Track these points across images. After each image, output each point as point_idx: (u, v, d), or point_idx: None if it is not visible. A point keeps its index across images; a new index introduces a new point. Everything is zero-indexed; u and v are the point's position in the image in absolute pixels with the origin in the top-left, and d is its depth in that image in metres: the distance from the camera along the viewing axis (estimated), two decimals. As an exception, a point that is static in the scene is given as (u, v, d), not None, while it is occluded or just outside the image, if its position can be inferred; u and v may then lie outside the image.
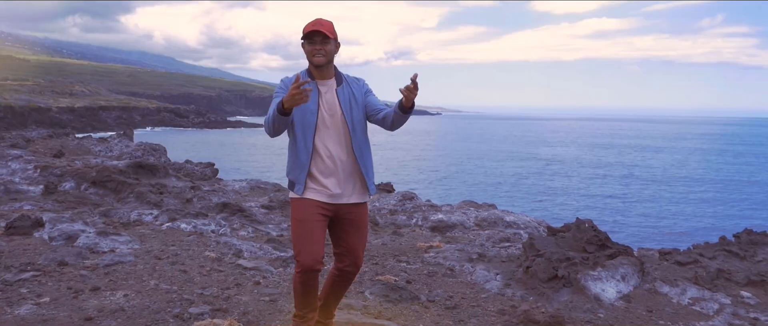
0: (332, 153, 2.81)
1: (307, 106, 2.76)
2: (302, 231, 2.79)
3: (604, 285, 4.34)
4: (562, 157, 54.77)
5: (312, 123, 2.79)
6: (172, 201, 7.06)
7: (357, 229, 2.91)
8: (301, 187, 2.81)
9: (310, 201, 2.81)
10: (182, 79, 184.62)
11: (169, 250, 5.10)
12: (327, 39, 2.74)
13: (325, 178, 2.81)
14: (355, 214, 2.90)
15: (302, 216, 2.80)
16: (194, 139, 68.33)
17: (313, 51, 2.75)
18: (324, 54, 2.75)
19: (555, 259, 4.51)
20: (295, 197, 2.85)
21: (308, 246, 2.77)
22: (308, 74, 2.84)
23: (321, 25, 2.73)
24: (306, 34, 2.73)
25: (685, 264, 5.08)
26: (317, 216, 2.79)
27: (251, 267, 4.66)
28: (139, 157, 18.93)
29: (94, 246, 4.91)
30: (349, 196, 2.87)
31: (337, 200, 2.83)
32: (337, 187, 2.82)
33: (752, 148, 75.63)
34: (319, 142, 2.81)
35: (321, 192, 2.81)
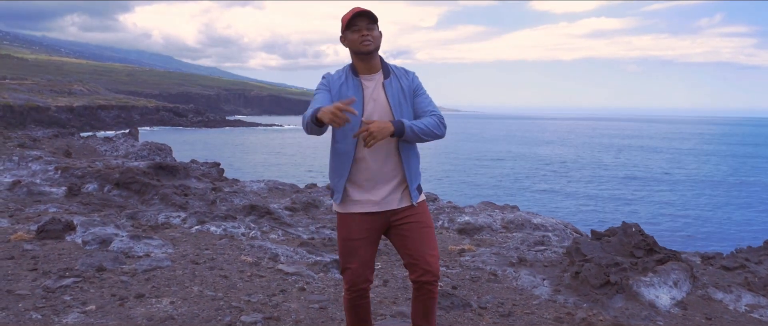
0: (377, 157, 2.53)
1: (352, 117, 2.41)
2: (345, 249, 2.62)
3: (657, 292, 4.23)
4: (563, 157, 54.71)
5: (355, 126, 2.48)
6: (196, 203, 6.93)
7: (419, 232, 2.58)
8: (339, 197, 2.58)
9: (352, 216, 2.58)
10: (181, 78, 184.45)
11: (204, 254, 4.99)
12: (373, 23, 2.48)
13: (368, 187, 2.55)
14: (412, 217, 2.59)
15: (345, 233, 2.61)
16: (194, 138, 68.13)
17: (360, 38, 2.47)
18: (372, 40, 2.47)
19: (604, 264, 4.41)
20: (338, 210, 2.64)
21: (352, 265, 2.61)
22: (351, 70, 2.58)
23: (363, 9, 2.47)
24: (349, 21, 2.47)
25: (732, 269, 4.98)
26: (362, 233, 2.57)
27: (293, 273, 4.55)
28: (145, 156, 18.82)
29: (128, 251, 4.80)
30: (399, 201, 2.58)
31: (384, 207, 2.56)
32: (382, 195, 2.55)
33: (757, 150, 75.69)
34: (361, 145, 2.50)
35: (363, 204, 2.56)
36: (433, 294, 2.63)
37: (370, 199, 2.55)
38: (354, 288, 2.64)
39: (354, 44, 2.50)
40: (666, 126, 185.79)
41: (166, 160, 16.90)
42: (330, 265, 4.74)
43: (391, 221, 2.60)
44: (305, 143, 71.37)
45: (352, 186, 2.57)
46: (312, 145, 68.40)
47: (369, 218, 2.57)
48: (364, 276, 2.62)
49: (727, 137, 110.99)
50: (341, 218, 2.64)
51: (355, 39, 2.49)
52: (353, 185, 2.57)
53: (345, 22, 2.49)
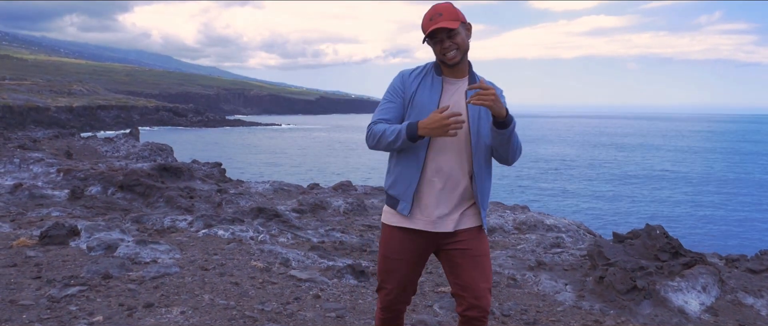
0: (445, 170, 2.28)
1: (425, 105, 2.26)
2: (385, 266, 2.41)
3: (686, 297, 4.07)
4: (564, 156, 54.54)
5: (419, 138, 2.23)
6: (203, 205, 6.77)
7: (473, 260, 2.31)
8: (408, 206, 2.30)
9: (398, 232, 2.35)
10: (180, 78, 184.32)
11: (213, 260, 4.82)
12: (453, 31, 2.21)
13: (430, 201, 2.29)
14: (467, 242, 2.31)
15: (386, 249, 2.39)
16: (194, 138, 67.98)
17: (442, 50, 2.24)
18: (457, 47, 2.23)
19: (629, 269, 4.25)
20: (389, 223, 2.38)
21: (389, 285, 2.42)
22: (435, 69, 2.34)
23: (440, 18, 2.21)
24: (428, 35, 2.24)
25: (759, 272, 4.82)
26: (405, 253, 2.35)
27: (306, 279, 4.39)
28: (146, 156, 18.65)
29: (135, 256, 4.63)
30: (458, 222, 2.31)
31: (440, 228, 2.30)
32: (440, 212, 2.29)
33: (758, 147, 75.51)
34: (432, 155, 2.28)
35: (419, 220, 2.31)
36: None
37: (426, 216, 2.31)
38: (389, 308, 2.46)
39: (437, 55, 2.30)
40: (666, 123, 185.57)
41: (169, 160, 16.75)
42: (344, 271, 4.58)
43: (442, 243, 2.35)
44: (304, 143, 71.20)
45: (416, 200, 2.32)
46: (310, 144, 68.24)
47: (417, 237, 2.34)
48: (400, 298, 2.43)
49: (729, 134, 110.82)
50: (386, 231, 2.42)
51: (439, 51, 2.27)
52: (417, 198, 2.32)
53: (424, 31, 2.25)
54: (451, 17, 2.21)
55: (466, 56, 2.31)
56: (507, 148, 2.26)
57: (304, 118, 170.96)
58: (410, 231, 2.35)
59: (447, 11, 2.23)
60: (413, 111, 2.29)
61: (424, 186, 2.30)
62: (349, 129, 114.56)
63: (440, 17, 2.22)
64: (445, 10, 2.24)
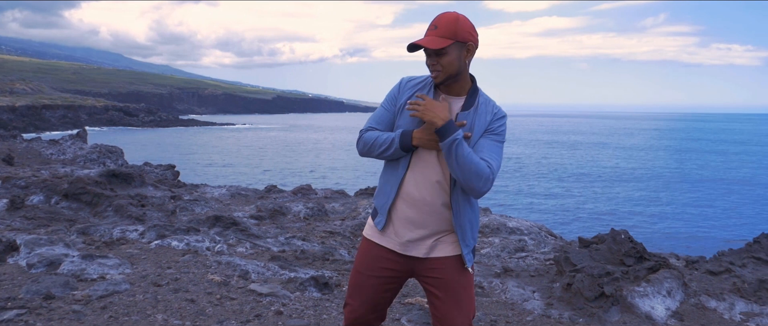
0: (421, 192, 2.12)
1: (410, 120, 2.12)
2: (355, 281, 2.28)
3: (652, 302, 4.07)
4: (517, 154, 55.52)
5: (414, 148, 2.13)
6: (155, 214, 6.44)
7: (448, 293, 2.14)
8: (383, 220, 2.19)
9: (377, 249, 2.22)
10: (131, 77, 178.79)
11: (166, 274, 4.55)
12: (442, 50, 2.03)
13: (403, 222, 2.15)
14: (442, 271, 2.14)
15: (361, 265, 2.26)
16: (146, 139, 66.01)
17: (429, 66, 2.10)
18: (440, 69, 2.06)
19: (597, 275, 4.22)
20: (367, 235, 2.28)
21: (354, 301, 2.28)
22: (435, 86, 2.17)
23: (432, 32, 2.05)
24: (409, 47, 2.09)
25: (718, 273, 4.89)
26: (379, 270, 2.21)
27: (267, 293, 4.18)
28: (95, 159, 17.86)
29: (80, 273, 4.32)
30: (431, 249, 2.15)
31: (410, 251, 2.16)
32: (413, 235, 2.15)
33: (700, 144, 78.79)
34: (411, 174, 2.14)
35: (392, 239, 2.19)
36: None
37: (398, 237, 2.18)
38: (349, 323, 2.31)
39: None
40: (615, 122, 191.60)
41: (119, 164, 16.09)
42: (307, 283, 4.39)
43: (417, 270, 2.21)
44: (261, 143, 70.11)
45: (394, 215, 2.19)
46: (267, 144, 67.25)
47: (391, 256, 2.21)
48: (366, 319, 2.28)
49: (675, 132, 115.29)
50: (363, 244, 2.30)
51: (428, 64, 2.12)
52: (394, 213, 2.19)
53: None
54: (442, 34, 2.04)
55: (460, 77, 2.11)
56: (452, 167, 2.00)
57: (261, 118, 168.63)
58: (384, 249, 2.22)
59: (444, 25, 2.05)
60: (402, 121, 2.17)
61: (400, 203, 2.17)
62: (307, 128, 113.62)
63: (433, 31, 2.06)
64: (443, 24, 2.06)
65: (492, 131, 2.11)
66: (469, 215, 2.15)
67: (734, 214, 24.78)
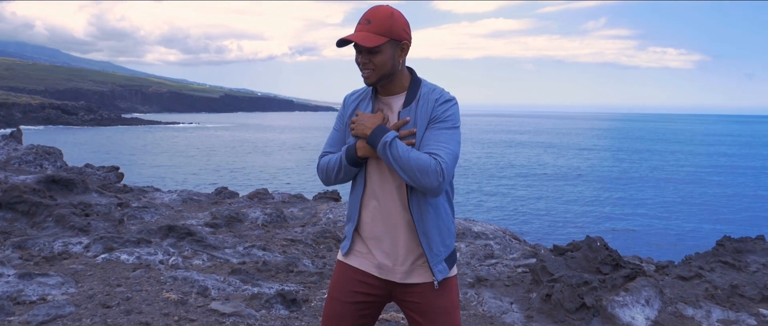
0: (383, 209, 1.96)
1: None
2: (330, 310, 2.05)
3: (632, 312, 3.99)
4: (466, 154, 56.26)
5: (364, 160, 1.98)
6: (101, 224, 5.94)
7: (427, 319, 1.96)
8: (347, 244, 2.04)
9: (350, 273, 2.02)
10: (69, 73, 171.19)
11: (116, 293, 4.14)
12: (375, 49, 1.86)
13: (373, 241, 1.99)
14: (420, 296, 1.96)
15: (335, 291, 2.05)
16: (86, 139, 63.14)
17: (360, 64, 1.93)
18: (373, 68, 1.89)
19: (575, 284, 4.10)
20: (339, 257, 2.10)
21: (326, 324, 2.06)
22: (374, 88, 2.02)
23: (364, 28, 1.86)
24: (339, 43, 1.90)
25: (689, 278, 4.89)
26: (354, 296, 2.01)
27: (230, 313, 3.85)
28: (31, 161, 16.78)
29: (17, 295, 3.86)
30: (407, 273, 1.96)
31: (386, 275, 1.98)
32: (385, 258, 1.97)
33: (644, 144, 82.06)
34: (369, 190, 1.99)
35: (366, 260, 2.01)
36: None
37: (373, 258, 2.00)
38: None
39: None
40: (560, 121, 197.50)
41: (58, 166, 15.14)
42: (273, 300, 4.09)
43: (395, 293, 2.02)
44: (209, 143, 68.32)
45: (359, 238, 2.03)
46: (215, 144, 65.58)
47: (369, 280, 2.01)
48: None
49: (614, 131, 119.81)
50: (338, 268, 2.09)
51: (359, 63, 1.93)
52: (360, 236, 2.03)
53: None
54: (375, 30, 1.85)
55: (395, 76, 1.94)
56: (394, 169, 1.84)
57: (208, 116, 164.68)
58: (359, 271, 2.01)
59: (378, 21, 1.86)
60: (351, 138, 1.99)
61: (366, 219, 2.00)
62: (256, 128, 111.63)
63: (366, 26, 1.86)
64: (377, 19, 1.86)
65: (436, 119, 1.91)
66: (434, 220, 1.94)
67: (675, 210, 25.77)
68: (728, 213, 25.49)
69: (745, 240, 5.73)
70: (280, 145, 68.03)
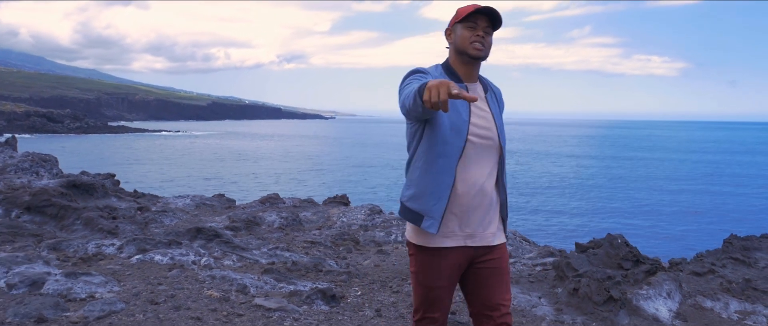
0: (477, 182, 2.11)
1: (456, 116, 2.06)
2: (429, 294, 2.19)
3: (656, 304, 4.20)
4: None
5: (461, 140, 2.07)
6: (128, 226, 6.06)
7: (500, 277, 2.21)
8: (436, 223, 2.08)
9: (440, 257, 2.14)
10: (54, 81, 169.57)
11: (159, 291, 4.27)
12: (492, 27, 2.09)
13: (465, 216, 2.12)
14: (496, 260, 2.20)
15: (429, 277, 2.16)
16: (74, 147, 62.56)
17: (471, 37, 2.06)
18: (484, 45, 2.09)
19: (601, 279, 4.31)
20: (424, 244, 2.15)
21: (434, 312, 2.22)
22: (446, 71, 2.14)
23: (490, 8, 2.05)
24: (468, 14, 2.04)
25: (703, 274, 5.12)
26: (450, 273, 2.17)
27: (275, 308, 4.00)
28: (27, 168, 16.74)
29: (67, 293, 3.98)
30: (491, 237, 2.18)
31: (475, 242, 2.15)
32: (478, 227, 2.14)
33: (618, 151, 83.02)
34: (462, 167, 2.09)
35: (456, 236, 2.14)
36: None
37: (466, 230, 2.14)
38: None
39: (463, 42, 2.08)
40: (544, 128, 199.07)
41: (53, 173, 15.11)
42: (313, 296, 4.25)
43: (478, 258, 2.19)
44: (199, 149, 68.02)
45: (450, 213, 2.12)
46: (204, 152, 65.33)
47: (454, 254, 2.15)
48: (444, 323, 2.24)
49: (601, 139, 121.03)
50: (422, 258, 2.17)
51: (466, 37, 2.06)
52: (451, 211, 2.12)
53: (461, 15, 2.08)
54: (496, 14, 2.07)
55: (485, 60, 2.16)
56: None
57: (196, 124, 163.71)
58: (447, 250, 2.14)
59: (495, 10, 2.08)
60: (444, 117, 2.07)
61: (459, 200, 2.12)
62: (245, 136, 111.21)
63: (488, 7, 2.07)
64: (494, 8, 2.08)
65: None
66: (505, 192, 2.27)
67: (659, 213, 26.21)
68: (721, 216, 25.99)
69: (751, 238, 5.98)
70: (270, 152, 67.94)
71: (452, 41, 2.15)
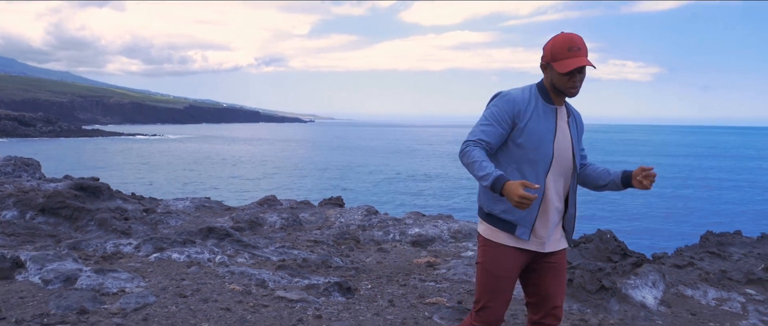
0: (557, 195, 2.45)
1: (543, 134, 2.36)
2: (494, 285, 2.44)
3: (642, 293, 4.62)
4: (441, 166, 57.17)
5: (548, 155, 2.36)
6: (140, 227, 6.29)
7: (557, 275, 2.52)
8: (527, 232, 2.38)
9: (515, 253, 2.41)
10: (26, 83, 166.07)
11: (184, 286, 4.54)
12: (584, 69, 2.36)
13: (545, 224, 2.43)
14: (557, 259, 2.53)
15: (501, 269, 2.41)
16: (48, 151, 61.51)
17: (572, 84, 2.36)
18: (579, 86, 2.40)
19: (593, 270, 4.71)
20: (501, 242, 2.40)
21: (496, 302, 2.45)
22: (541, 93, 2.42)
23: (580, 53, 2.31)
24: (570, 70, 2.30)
25: (683, 266, 5.57)
26: (517, 270, 2.45)
27: (297, 299, 4.31)
28: (9, 172, 16.69)
29: (99, 288, 4.23)
30: (557, 243, 2.51)
31: (548, 248, 2.46)
32: (549, 234, 2.45)
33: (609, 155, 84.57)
34: (551, 180, 2.40)
35: (534, 242, 2.43)
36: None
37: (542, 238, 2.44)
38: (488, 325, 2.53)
39: (561, 83, 2.38)
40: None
41: (37, 178, 15.13)
42: (329, 288, 4.56)
43: (541, 258, 2.50)
44: (177, 152, 67.52)
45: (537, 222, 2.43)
46: (183, 155, 64.86)
47: (525, 255, 2.45)
48: (502, 317, 2.51)
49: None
50: (498, 251, 2.43)
51: (565, 82, 2.36)
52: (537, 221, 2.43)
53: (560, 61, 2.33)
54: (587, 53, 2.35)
55: None
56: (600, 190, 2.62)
57: (172, 128, 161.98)
58: (521, 250, 2.43)
59: (583, 46, 2.34)
60: (527, 137, 2.36)
61: (544, 210, 2.41)
62: (224, 140, 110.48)
63: (579, 52, 2.32)
64: (582, 44, 2.34)
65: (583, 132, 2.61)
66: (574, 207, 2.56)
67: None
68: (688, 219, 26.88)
69: (725, 234, 6.47)
70: (250, 155, 67.74)
71: (549, 76, 2.41)
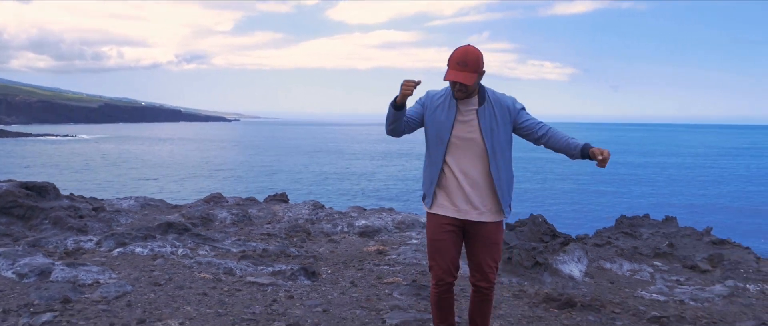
0: (464, 172, 2.91)
1: (442, 122, 2.91)
2: (433, 246, 3.03)
3: (570, 267, 5.32)
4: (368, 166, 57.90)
5: (444, 140, 2.90)
6: (96, 225, 6.36)
7: (485, 245, 2.99)
8: (430, 201, 3.01)
9: (438, 217, 2.99)
10: None
11: (156, 276, 4.77)
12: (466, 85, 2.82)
13: (453, 195, 2.94)
14: (485, 232, 2.97)
15: (432, 232, 3.03)
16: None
17: (454, 89, 2.87)
18: (464, 91, 2.85)
19: (528, 249, 5.37)
20: (428, 212, 3.05)
21: (438, 259, 3.01)
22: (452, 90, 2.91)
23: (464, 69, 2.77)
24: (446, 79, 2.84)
25: (602, 245, 6.37)
26: (446, 232, 2.97)
27: (268, 283, 4.66)
28: None
29: (74, 280, 4.40)
30: (480, 215, 2.94)
31: (464, 216, 2.94)
32: (464, 204, 2.93)
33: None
34: (451, 160, 2.92)
35: (447, 208, 2.96)
36: (488, 297, 3.11)
37: (455, 206, 2.97)
38: (440, 282, 3.05)
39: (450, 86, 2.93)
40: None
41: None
42: (297, 273, 4.94)
43: (471, 229, 3.01)
44: (92, 154, 64.34)
45: (441, 194, 3.00)
46: (99, 157, 61.94)
47: (452, 220, 2.99)
48: (448, 271, 3.03)
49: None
50: (429, 218, 3.05)
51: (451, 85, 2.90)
52: (442, 192, 2.99)
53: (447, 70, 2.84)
54: (472, 70, 2.79)
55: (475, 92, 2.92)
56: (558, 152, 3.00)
57: (86, 128, 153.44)
58: (442, 217, 3.00)
59: (473, 63, 2.79)
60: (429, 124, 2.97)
61: (447, 183, 2.96)
62: (143, 140, 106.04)
63: (465, 68, 2.79)
64: (472, 62, 2.79)
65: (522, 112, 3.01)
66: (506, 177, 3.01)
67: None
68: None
69: (635, 217, 7.39)
70: (170, 156, 65.60)
71: None
